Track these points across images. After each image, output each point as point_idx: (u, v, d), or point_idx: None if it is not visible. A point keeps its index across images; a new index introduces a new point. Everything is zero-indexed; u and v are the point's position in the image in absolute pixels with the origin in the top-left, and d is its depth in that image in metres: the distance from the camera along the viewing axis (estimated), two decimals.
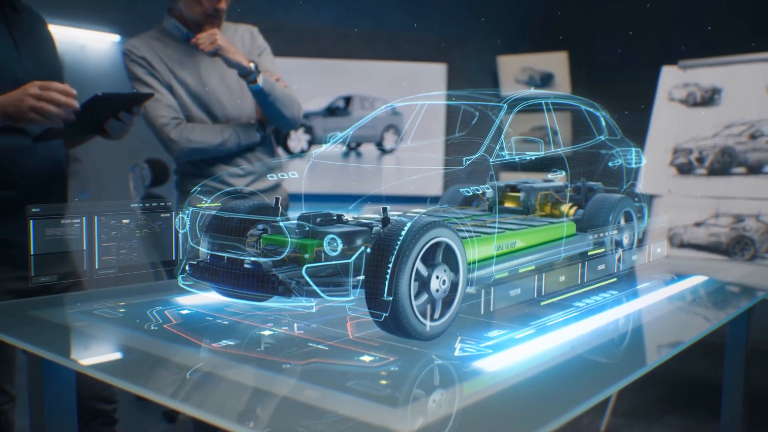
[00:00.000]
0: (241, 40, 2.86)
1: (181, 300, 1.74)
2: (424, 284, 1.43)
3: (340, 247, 1.35)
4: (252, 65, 2.62)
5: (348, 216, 1.40)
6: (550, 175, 1.79)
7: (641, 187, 2.30)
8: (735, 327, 2.28)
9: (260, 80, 2.63)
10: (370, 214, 1.39)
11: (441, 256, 1.46)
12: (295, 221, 1.40)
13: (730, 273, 2.53)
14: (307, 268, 1.36)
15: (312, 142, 5.80)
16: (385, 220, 1.39)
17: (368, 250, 1.35)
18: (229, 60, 2.57)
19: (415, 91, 2.08)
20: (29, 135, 2.15)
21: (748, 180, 3.75)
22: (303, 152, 5.60)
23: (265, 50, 2.93)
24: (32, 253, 1.60)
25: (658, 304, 1.89)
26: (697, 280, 2.25)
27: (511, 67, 5.77)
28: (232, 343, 1.41)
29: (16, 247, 2.12)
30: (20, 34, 2.19)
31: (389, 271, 1.34)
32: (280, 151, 5.45)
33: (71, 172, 2.46)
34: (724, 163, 3.82)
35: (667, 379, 4.42)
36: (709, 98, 3.95)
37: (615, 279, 2.02)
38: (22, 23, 2.22)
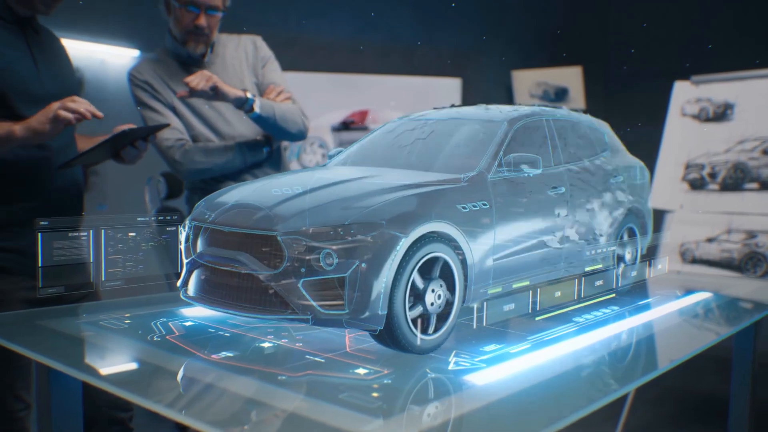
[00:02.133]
0: (245, 51, 2.85)
1: (186, 312, 1.78)
2: (419, 298, 1.45)
3: (336, 261, 1.38)
4: (248, 94, 2.60)
5: (344, 230, 1.43)
6: (550, 192, 1.80)
7: (650, 202, 2.31)
8: (741, 342, 2.27)
9: (257, 107, 2.62)
10: (366, 228, 1.42)
11: (437, 271, 1.48)
12: (295, 235, 1.43)
13: (735, 289, 2.53)
14: (303, 281, 1.39)
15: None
16: (381, 235, 1.41)
17: (364, 264, 1.38)
18: (225, 96, 2.56)
19: (429, 106, 2.12)
20: (49, 150, 2.21)
21: (760, 196, 3.74)
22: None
23: (269, 60, 2.90)
24: (40, 265, 1.64)
25: (658, 320, 1.89)
26: (701, 296, 2.25)
27: (526, 81, 5.78)
28: (231, 354, 1.44)
29: (33, 257, 2.17)
30: (39, 53, 2.26)
31: (384, 285, 1.37)
32: (295, 164, 5.49)
33: (90, 184, 2.52)
34: (736, 179, 3.80)
35: (679, 395, 4.39)
36: (722, 113, 3.95)
37: (614, 295, 2.03)
38: (41, 42, 2.29)
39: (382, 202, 1.46)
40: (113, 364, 1.46)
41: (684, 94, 4.11)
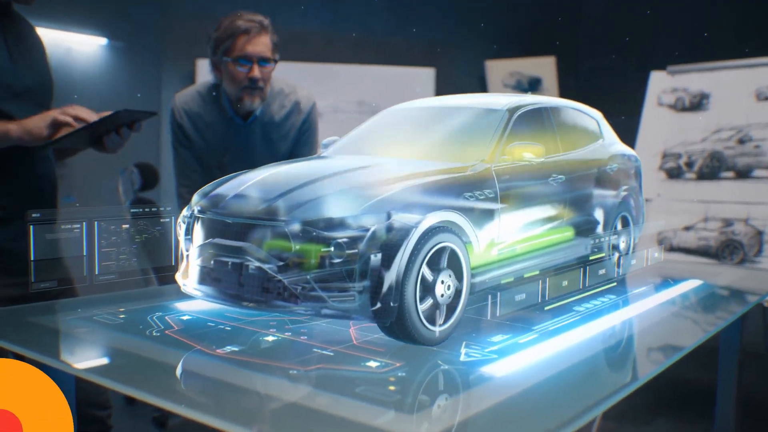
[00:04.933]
0: (280, 106, 2.81)
1: (182, 305, 1.73)
2: (428, 290, 1.42)
3: (346, 252, 1.35)
4: None
5: (353, 221, 1.40)
6: (550, 180, 1.79)
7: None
8: (728, 332, 2.29)
9: None
10: (375, 219, 1.38)
11: (445, 261, 1.45)
12: (303, 226, 1.39)
13: (723, 277, 2.55)
14: (312, 273, 1.35)
15: None
16: (390, 225, 1.38)
17: (373, 255, 1.35)
18: None
19: (406, 96, 2.08)
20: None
21: (736, 184, 3.79)
22: None
23: (308, 131, 2.86)
24: (32, 258, 1.58)
25: (656, 308, 1.90)
26: (692, 284, 2.26)
27: (500, 71, 5.78)
28: (236, 348, 1.40)
29: (10, 254, 2.09)
30: (14, 42, 2.16)
31: (395, 276, 1.34)
32: None
33: (58, 175, 2.43)
34: (712, 168, 3.85)
35: (657, 382, 4.44)
36: (698, 103, 3.99)
37: (615, 283, 2.03)
38: (17, 31, 2.20)
39: (391, 191, 1.43)
40: (110, 359, 1.40)
41: (660, 84, 4.14)
